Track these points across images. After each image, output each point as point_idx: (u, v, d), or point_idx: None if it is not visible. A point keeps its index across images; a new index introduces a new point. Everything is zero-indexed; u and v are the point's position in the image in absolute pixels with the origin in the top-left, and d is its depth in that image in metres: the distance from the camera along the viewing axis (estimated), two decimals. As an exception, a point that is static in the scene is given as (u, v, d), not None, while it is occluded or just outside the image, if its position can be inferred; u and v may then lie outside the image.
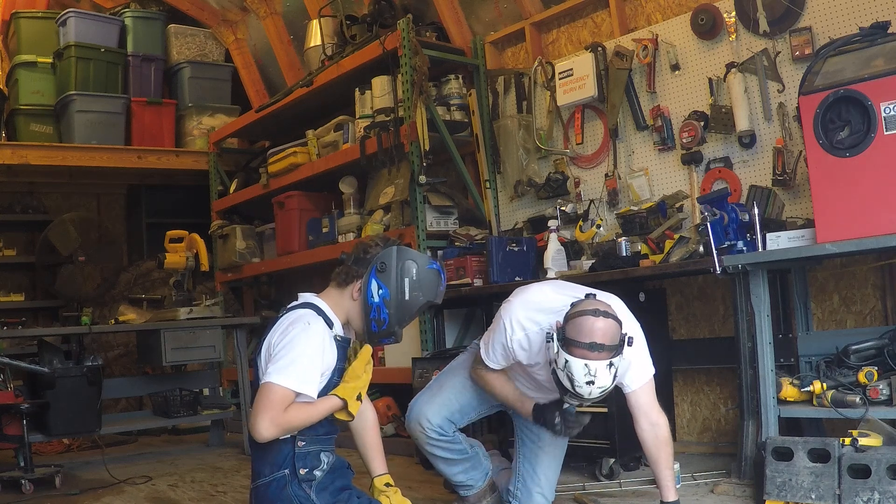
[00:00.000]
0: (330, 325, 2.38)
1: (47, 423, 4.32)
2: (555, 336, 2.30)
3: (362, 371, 2.35)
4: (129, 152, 6.31)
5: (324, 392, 2.32)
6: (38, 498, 3.81)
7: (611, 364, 2.25)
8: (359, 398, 2.31)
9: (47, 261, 6.79)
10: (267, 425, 2.18)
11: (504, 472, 2.97)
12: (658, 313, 3.76)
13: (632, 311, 3.52)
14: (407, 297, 2.40)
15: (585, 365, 2.23)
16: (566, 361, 2.25)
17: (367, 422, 2.60)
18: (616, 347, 2.26)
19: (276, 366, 2.22)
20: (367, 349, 2.42)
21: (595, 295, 2.43)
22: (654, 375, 2.59)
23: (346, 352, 2.41)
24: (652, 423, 2.55)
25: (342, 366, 2.38)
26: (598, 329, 2.24)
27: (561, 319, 2.34)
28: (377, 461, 2.59)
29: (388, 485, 2.53)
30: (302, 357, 2.23)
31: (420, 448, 2.89)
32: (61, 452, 5.17)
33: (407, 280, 2.39)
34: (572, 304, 2.36)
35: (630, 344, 2.30)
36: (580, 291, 2.51)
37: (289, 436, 2.28)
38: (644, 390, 2.55)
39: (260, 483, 2.33)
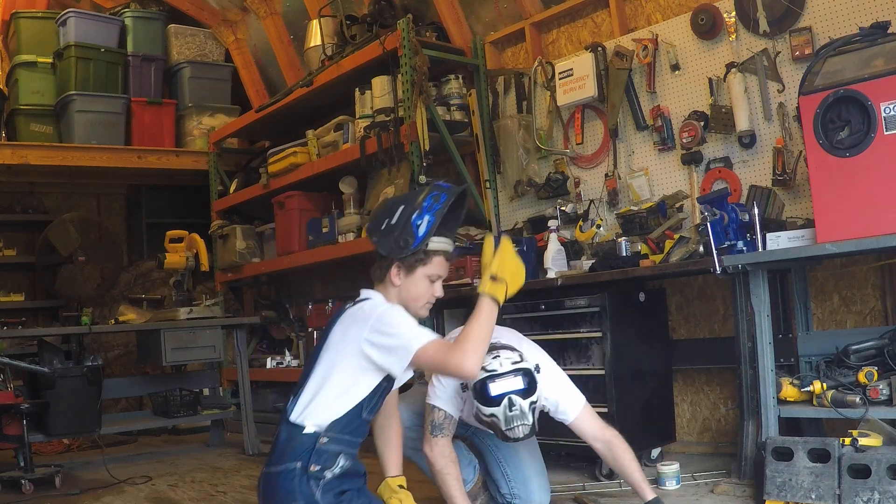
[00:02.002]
0: None
1: (47, 423, 4.32)
2: (468, 384, 2.47)
3: (491, 258, 2.30)
4: (129, 152, 6.31)
5: (381, 377, 2.30)
6: (38, 498, 3.81)
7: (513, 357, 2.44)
8: (493, 278, 2.26)
9: (47, 261, 6.79)
10: (458, 363, 2.15)
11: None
12: (658, 313, 3.76)
13: (632, 310, 3.55)
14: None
15: (488, 353, 2.42)
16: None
17: (390, 419, 2.58)
18: (518, 370, 2.42)
19: (405, 339, 2.20)
20: (487, 238, 2.37)
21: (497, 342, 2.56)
22: (586, 401, 2.71)
23: None
24: (603, 441, 2.65)
25: None
26: (495, 361, 2.43)
27: None
28: (394, 462, 2.58)
29: (401, 486, 2.51)
30: (410, 321, 2.27)
31: (403, 454, 2.91)
32: (61, 452, 5.18)
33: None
34: None
35: (538, 371, 2.46)
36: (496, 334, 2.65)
37: (314, 431, 2.24)
38: (582, 417, 2.66)
39: (271, 470, 2.30)
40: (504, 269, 2.28)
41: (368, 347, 2.22)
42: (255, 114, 5.94)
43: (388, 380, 2.32)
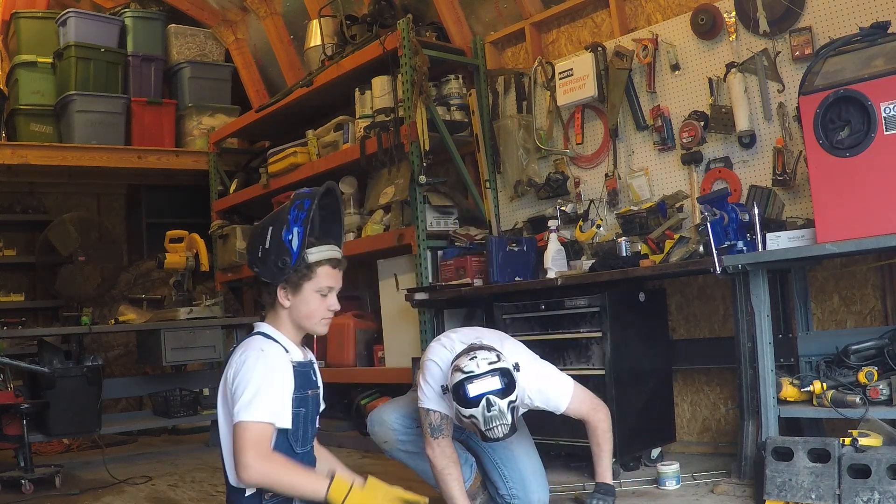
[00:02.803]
0: (285, 350, 2.23)
1: (47, 423, 4.33)
2: (447, 386, 2.52)
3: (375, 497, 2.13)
4: (129, 152, 6.31)
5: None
6: (38, 498, 3.82)
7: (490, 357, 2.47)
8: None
9: (47, 261, 6.79)
10: (246, 464, 2.01)
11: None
12: (658, 313, 3.76)
13: (632, 310, 3.56)
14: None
15: (466, 355, 2.48)
16: (452, 368, 2.49)
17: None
18: (496, 370, 2.44)
19: (242, 402, 2.06)
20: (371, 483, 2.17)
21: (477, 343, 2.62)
22: (574, 383, 2.76)
23: (305, 378, 2.24)
24: (584, 418, 2.74)
25: (301, 394, 2.20)
26: (472, 362, 2.45)
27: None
28: (342, 470, 2.43)
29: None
30: (265, 385, 2.09)
31: (396, 457, 2.92)
32: (61, 452, 5.18)
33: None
34: (452, 361, 2.56)
35: (518, 369, 2.50)
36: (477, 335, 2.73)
37: (255, 490, 2.13)
38: (574, 404, 2.72)
39: None
40: (369, 501, 2.09)
41: (228, 392, 2.13)
42: (255, 114, 5.94)
43: (308, 405, 2.21)
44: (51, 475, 4.01)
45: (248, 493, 2.15)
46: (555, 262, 3.91)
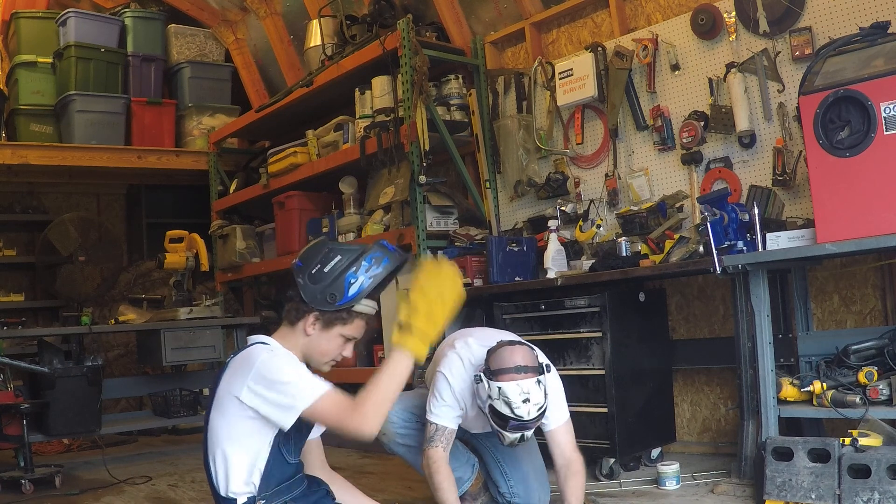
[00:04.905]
0: None
1: (47, 423, 4.33)
2: (482, 375, 2.49)
3: (418, 297, 2.08)
4: (129, 152, 6.31)
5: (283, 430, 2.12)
6: (38, 498, 3.82)
7: (538, 381, 2.46)
8: (401, 326, 2.06)
9: (47, 261, 6.80)
10: (361, 421, 2.02)
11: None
12: (658, 313, 3.76)
13: (632, 310, 3.56)
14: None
15: (517, 385, 2.42)
16: (499, 389, 2.43)
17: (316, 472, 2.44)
18: (537, 367, 2.48)
19: (291, 392, 2.05)
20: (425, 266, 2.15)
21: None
22: (570, 418, 2.73)
23: None
24: (566, 458, 2.65)
25: None
26: (517, 354, 2.47)
27: (483, 366, 2.54)
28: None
29: None
30: (299, 369, 2.11)
31: (393, 451, 2.91)
32: (61, 452, 5.18)
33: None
34: (488, 351, 2.55)
35: (548, 370, 2.52)
36: (496, 338, 2.70)
37: (246, 500, 2.12)
38: (561, 430, 2.68)
39: None
40: (416, 312, 2.05)
41: (252, 399, 2.07)
42: (255, 114, 5.94)
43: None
44: (51, 475, 4.01)
45: (239, 501, 2.14)
46: (555, 262, 3.91)
